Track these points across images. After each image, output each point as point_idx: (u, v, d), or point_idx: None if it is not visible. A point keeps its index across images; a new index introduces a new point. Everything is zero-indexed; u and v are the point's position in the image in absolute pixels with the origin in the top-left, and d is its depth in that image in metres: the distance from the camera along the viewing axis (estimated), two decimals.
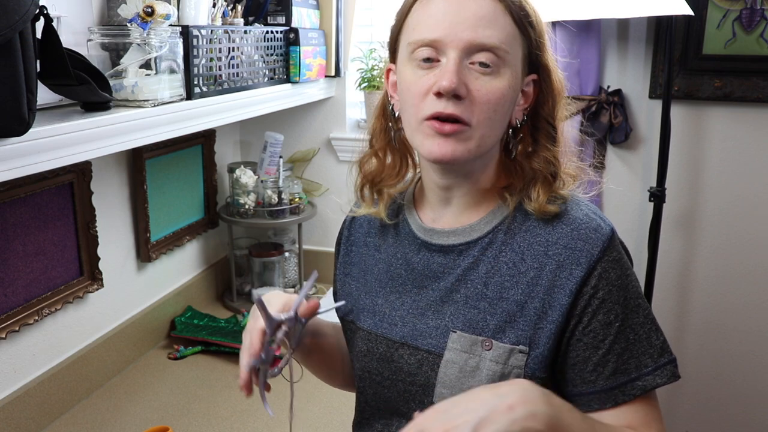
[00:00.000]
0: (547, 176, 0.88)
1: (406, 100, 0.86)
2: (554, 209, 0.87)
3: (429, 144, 0.83)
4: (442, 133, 0.81)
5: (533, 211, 0.87)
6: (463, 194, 0.91)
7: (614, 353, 0.83)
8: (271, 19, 1.88)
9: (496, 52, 0.81)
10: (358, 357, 0.98)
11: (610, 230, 0.86)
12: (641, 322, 0.84)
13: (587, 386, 0.84)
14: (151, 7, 1.25)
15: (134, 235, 1.76)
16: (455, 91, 0.79)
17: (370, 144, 1.00)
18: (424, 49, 0.82)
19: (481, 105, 0.81)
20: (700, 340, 2.05)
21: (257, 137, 2.22)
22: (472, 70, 0.81)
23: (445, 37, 0.81)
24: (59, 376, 1.49)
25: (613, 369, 0.83)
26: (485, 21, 0.81)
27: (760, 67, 1.81)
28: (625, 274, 0.85)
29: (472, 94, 0.81)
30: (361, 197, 1.01)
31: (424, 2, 0.84)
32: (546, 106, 0.89)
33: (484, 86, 0.81)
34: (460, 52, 0.80)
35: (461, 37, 0.80)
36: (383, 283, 0.97)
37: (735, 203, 1.94)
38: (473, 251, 0.89)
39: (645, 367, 0.83)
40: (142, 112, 1.27)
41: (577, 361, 0.84)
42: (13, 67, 0.94)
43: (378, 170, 0.98)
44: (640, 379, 0.83)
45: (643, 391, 0.83)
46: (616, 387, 0.83)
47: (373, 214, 0.99)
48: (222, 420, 1.49)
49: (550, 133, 0.89)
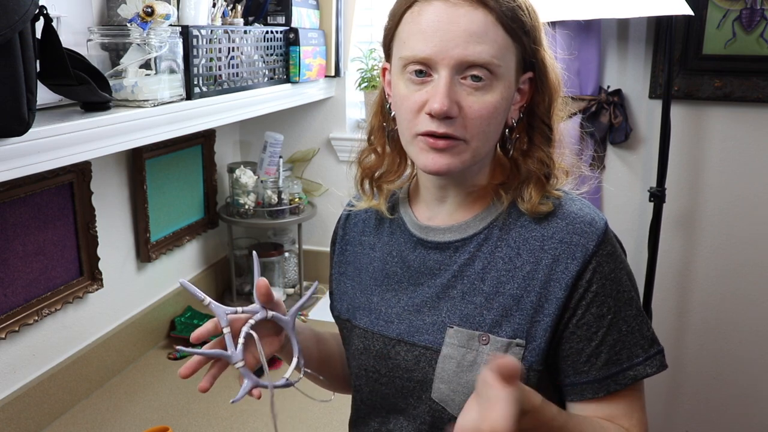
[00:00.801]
0: (540, 177, 0.88)
1: (400, 113, 0.86)
2: (546, 209, 0.87)
3: (423, 158, 0.84)
4: (436, 148, 0.82)
5: (525, 211, 0.88)
6: (458, 193, 0.91)
7: (607, 344, 0.84)
8: (271, 19, 1.88)
9: (488, 68, 0.80)
10: (355, 355, 0.98)
11: (604, 224, 0.87)
12: (633, 314, 0.86)
13: (580, 376, 0.85)
14: (150, 7, 1.25)
15: (134, 235, 1.76)
16: (446, 114, 0.80)
17: (368, 140, 1.00)
18: (416, 65, 0.82)
19: (473, 120, 0.81)
20: (700, 339, 2.05)
21: (257, 137, 2.22)
22: (464, 85, 0.81)
23: (436, 55, 0.80)
24: (59, 376, 1.49)
25: (605, 360, 0.85)
26: (476, 36, 0.79)
27: (760, 67, 1.81)
28: (618, 268, 0.86)
29: (464, 111, 0.81)
30: (361, 191, 1.01)
31: (415, 14, 0.83)
32: (542, 104, 0.89)
33: (476, 102, 0.81)
34: (451, 70, 0.80)
35: (451, 55, 0.79)
36: (379, 281, 0.97)
37: (735, 203, 1.94)
38: (469, 247, 0.90)
39: (636, 357, 0.85)
40: (141, 112, 1.27)
41: (570, 353, 0.85)
42: (12, 67, 0.94)
43: (377, 165, 0.99)
44: (631, 369, 0.85)
45: (634, 380, 0.85)
46: (608, 377, 0.85)
47: (374, 207, 1.00)
48: (222, 420, 1.49)
49: (546, 134, 0.90)
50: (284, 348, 0.95)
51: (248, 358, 0.88)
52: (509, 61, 0.83)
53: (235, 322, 0.87)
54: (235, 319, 0.87)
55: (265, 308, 0.89)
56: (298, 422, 1.49)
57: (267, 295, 0.88)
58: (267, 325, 0.91)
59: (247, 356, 0.87)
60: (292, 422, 1.49)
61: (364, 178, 1.00)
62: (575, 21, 1.76)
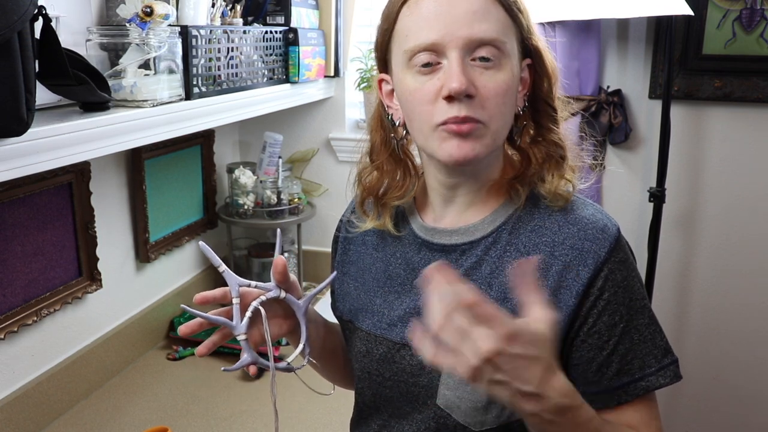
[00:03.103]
0: (557, 158, 0.88)
1: (413, 108, 0.84)
2: (566, 195, 0.86)
3: (448, 147, 0.81)
4: (461, 133, 0.80)
5: (546, 193, 0.87)
6: (467, 192, 0.90)
7: (618, 354, 0.82)
8: (270, 19, 1.88)
9: (495, 45, 0.80)
10: (357, 358, 0.96)
11: (617, 230, 0.85)
12: (646, 323, 0.84)
13: (590, 386, 0.83)
14: (150, 7, 1.25)
15: (133, 235, 1.76)
16: (466, 92, 0.78)
17: (370, 158, 0.97)
18: (423, 54, 0.81)
19: (490, 100, 0.80)
20: (700, 340, 2.05)
21: (256, 137, 2.22)
22: (475, 66, 0.80)
23: (443, 38, 0.79)
24: (58, 377, 1.49)
25: (617, 369, 0.82)
26: (479, 15, 0.80)
27: (760, 67, 1.81)
28: (630, 276, 0.84)
29: (480, 92, 0.80)
30: (361, 211, 0.99)
31: (412, 6, 0.82)
32: (543, 88, 0.88)
33: (490, 81, 0.80)
34: (460, 51, 0.79)
35: (459, 35, 0.79)
36: (381, 282, 0.96)
37: (735, 203, 1.93)
38: (476, 251, 0.88)
39: (648, 368, 0.83)
40: (141, 113, 1.27)
41: (581, 362, 0.83)
42: (11, 68, 0.94)
43: (380, 183, 0.96)
44: (643, 379, 0.83)
45: (646, 391, 0.83)
46: (619, 387, 0.83)
47: (378, 227, 0.97)
48: (221, 420, 1.49)
49: (551, 115, 0.89)
50: (292, 334, 0.94)
51: (253, 334, 0.87)
52: (512, 39, 0.83)
53: (246, 295, 0.86)
54: (246, 292, 0.86)
55: (280, 288, 0.88)
56: (297, 422, 1.49)
57: (283, 274, 0.87)
58: (278, 306, 0.90)
59: (253, 331, 0.86)
60: (292, 422, 1.49)
61: (367, 198, 0.98)
62: (575, 21, 1.76)
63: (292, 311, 0.91)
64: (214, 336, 0.87)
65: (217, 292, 0.86)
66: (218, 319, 0.84)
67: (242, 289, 0.86)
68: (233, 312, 0.84)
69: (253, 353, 0.85)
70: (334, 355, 1.07)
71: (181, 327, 0.86)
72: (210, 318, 0.84)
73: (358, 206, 0.99)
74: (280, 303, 0.90)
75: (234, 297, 0.84)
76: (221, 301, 0.86)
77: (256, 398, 1.58)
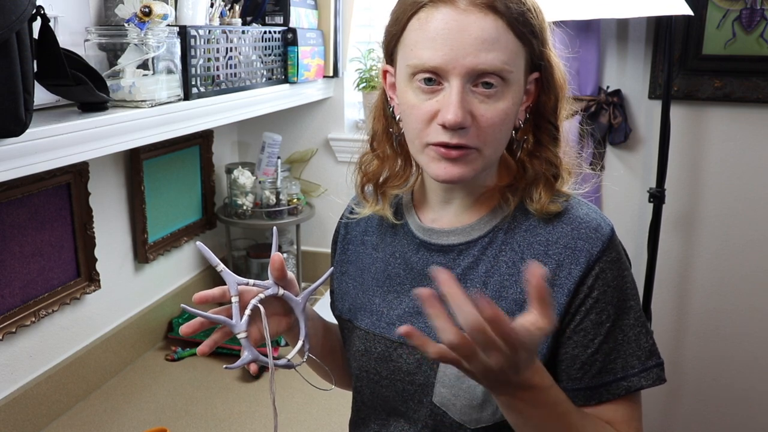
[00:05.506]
0: (549, 177, 0.87)
1: (409, 122, 0.84)
2: (556, 208, 0.86)
3: (435, 167, 0.82)
4: (450, 157, 0.80)
5: (535, 212, 0.87)
6: (464, 195, 0.90)
7: (602, 353, 0.83)
8: (269, 19, 1.88)
9: (500, 74, 0.79)
10: (356, 356, 0.97)
11: (610, 230, 0.86)
12: (632, 324, 0.84)
13: (573, 383, 0.84)
14: (148, 7, 1.25)
15: (132, 236, 1.75)
16: (461, 125, 0.78)
17: (371, 146, 0.98)
18: (425, 73, 0.80)
19: (486, 129, 0.80)
20: (699, 341, 2.04)
21: (255, 138, 2.22)
22: (476, 93, 0.79)
23: (447, 63, 0.78)
24: (56, 378, 1.49)
25: (599, 368, 0.83)
26: (488, 44, 0.77)
27: (760, 67, 1.81)
28: (621, 275, 0.85)
29: (477, 120, 0.79)
30: (362, 197, 1.00)
31: (422, 20, 0.80)
32: (548, 103, 0.87)
33: (489, 110, 0.79)
34: (462, 79, 0.78)
35: (463, 64, 0.77)
36: (380, 282, 0.96)
37: (735, 204, 1.93)
38: (473, 251, 0.89)
39: (631, 368, 0.84)
40: (139, 113, 1.27)
41: (565, 358, 0.84)
42: (9, 68, 0.94)
43: (381, 170, 0.97)
44: (625, 379, 0.83)
45: (628, 392, 0.83)
46: (601, 385, 0.84)
47: (377, 213, 0.98)
48: (220, 421, 1.49)
49: (552, 133, 0.89)
50: (291, 331, 0.94)
51: (253, 332, 0.87)
52: (519, 65, 0.81)
53: (244, 293, 0.86)
54: (245, 290, 0.87)
55: (278, 285, 0.88)
56: (297, 422, 1.49)
57: (281, 270, 0.87)
58: (276, 304, 0.91)
59: (252, 329, 0.87)
60: (291, 422, 1.49)
61: (366, 183, 0.98)
62: (575, 21, 1.76)
63: (291, 309, 0.92)
64: (215, 335, 0.87)
65: (216, 291, 0.86)
66: (218, 318, 0.84)
67: (241, 288, 0.86)
68: (232, 310, 0.85)
69: (253, 351, 0.85)
70: (332, 355, 1.08)
71: (183, 327, 0.86)
72: (210, 317, 0.84)
73: (358, 191, 1.00)
74: (278, 300, 0.90)
75: (233, 295, 0.85)
76: (220, 300, 0.86)
77: (255, 399, 1.58)
